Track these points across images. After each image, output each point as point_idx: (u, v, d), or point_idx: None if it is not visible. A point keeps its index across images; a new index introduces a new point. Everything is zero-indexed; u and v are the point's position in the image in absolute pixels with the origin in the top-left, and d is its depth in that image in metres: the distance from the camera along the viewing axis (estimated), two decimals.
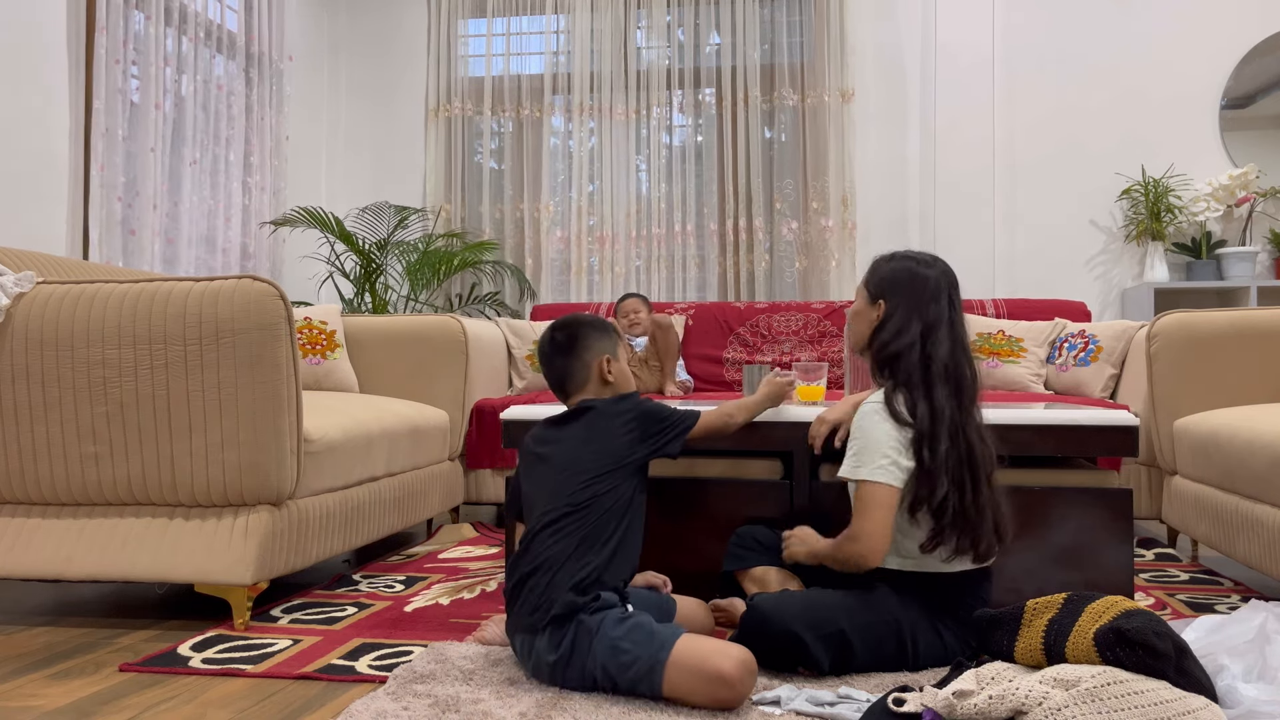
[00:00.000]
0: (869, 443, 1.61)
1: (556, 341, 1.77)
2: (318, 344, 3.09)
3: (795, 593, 1.67)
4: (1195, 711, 1.16)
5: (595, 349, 1.75)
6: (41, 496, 2.02)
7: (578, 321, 1.79)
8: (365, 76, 4.94)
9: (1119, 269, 4.32)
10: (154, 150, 3.48)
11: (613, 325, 1.81)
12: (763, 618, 1.57)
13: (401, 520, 2.62)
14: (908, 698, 1.30)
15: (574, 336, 1.77)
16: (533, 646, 1.53)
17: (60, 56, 3.19)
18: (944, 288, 1.67)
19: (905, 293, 1.66)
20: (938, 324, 1.64)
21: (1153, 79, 4.29)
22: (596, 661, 1.45)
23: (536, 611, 1.52)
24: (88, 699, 1.52)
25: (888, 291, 1.68)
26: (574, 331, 1.77)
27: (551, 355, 1.77)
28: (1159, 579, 2.37)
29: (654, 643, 1.42)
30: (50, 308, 1.97)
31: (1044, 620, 1.34)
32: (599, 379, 1.75)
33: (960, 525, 1.58)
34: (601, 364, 1.74)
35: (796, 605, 1.58)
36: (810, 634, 1.53)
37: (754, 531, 1.88)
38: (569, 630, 1.48)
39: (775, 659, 1.56)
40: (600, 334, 1.77)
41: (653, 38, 4.64)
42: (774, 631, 1.55)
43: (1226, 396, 2.48)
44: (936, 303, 1.65)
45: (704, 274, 4.57)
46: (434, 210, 4.71)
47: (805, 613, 1.56)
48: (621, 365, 1.77)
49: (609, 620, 1.47)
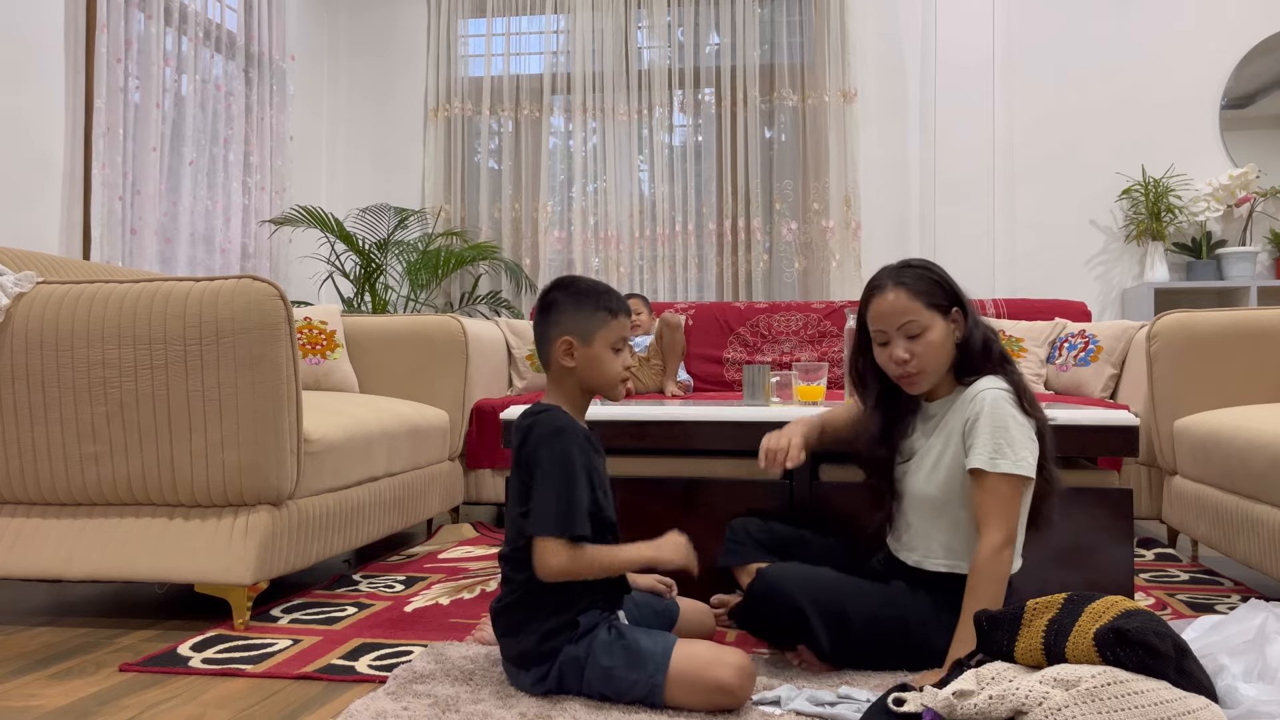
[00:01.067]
0: (1010, 433, 1.49)
1: (542, 302, 1.57)
2: (318, 344, 3.09)
3: (804, 566, 1.62)
4: (1195, 711, 1.15)
5: (561, 325, 1.52)
6: (41, 496, 2.02)
7: (565, 286, 1.55)
8: (365, 76, 4.94)
9: (1119, 269, 4.32)
10: (155, 150, 3.49)
11: (616, 307, 1.55)
12: (768, 588, 1.55)
13: (401, 520, 2.62)
14: (908, 697, 1.30)
15: (551, 303, 1.55)
16: (517, 678, 1.50)
17: (56, 57, 3.19)
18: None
19: (954, 289, 1.60)
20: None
21: (1153, 79, 4.29)
22: (593, 689, 1.43)
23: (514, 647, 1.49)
24: (88, 699, 1.52)
25: (954, 295, 1.60)
26: (553, 298, 1.54)
27: (534, 315, 1.59)
28: (1159, 579, 2.37)
29: (649, 664, 1.40)
30: (50, 308, 1.97)
31: (1044, 620, 1.34)
32: (558, 363, 1.53)
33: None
34: (559, 345, 1.52)
35: (803, 578, 1.55)
36: (813, 609, 1.51)
37: (747, 524, 1.82)
38: (553, 666, 1.45)
39: (776, 632, 1.55)
40: (577, 310, 1.52)
41: (653, 38, 4.64)
42: (778, 602, 1.53)
43: (1226, 396, 2.48)
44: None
45: (704, 274, 4.57)
46: (434, 210, 4.71)
47: (810, 586, 1.54)
48: (593, 353, 1.52)
49: (598, 647, 1.43)
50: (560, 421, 1.49)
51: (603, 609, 1.50)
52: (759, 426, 2.02)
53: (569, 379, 1.55)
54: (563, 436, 1.47)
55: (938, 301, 1.57)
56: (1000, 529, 1.47)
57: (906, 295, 1.56)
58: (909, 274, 1.58)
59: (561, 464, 1.45)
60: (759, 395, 2.27)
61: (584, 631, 1.46)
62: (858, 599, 1.55)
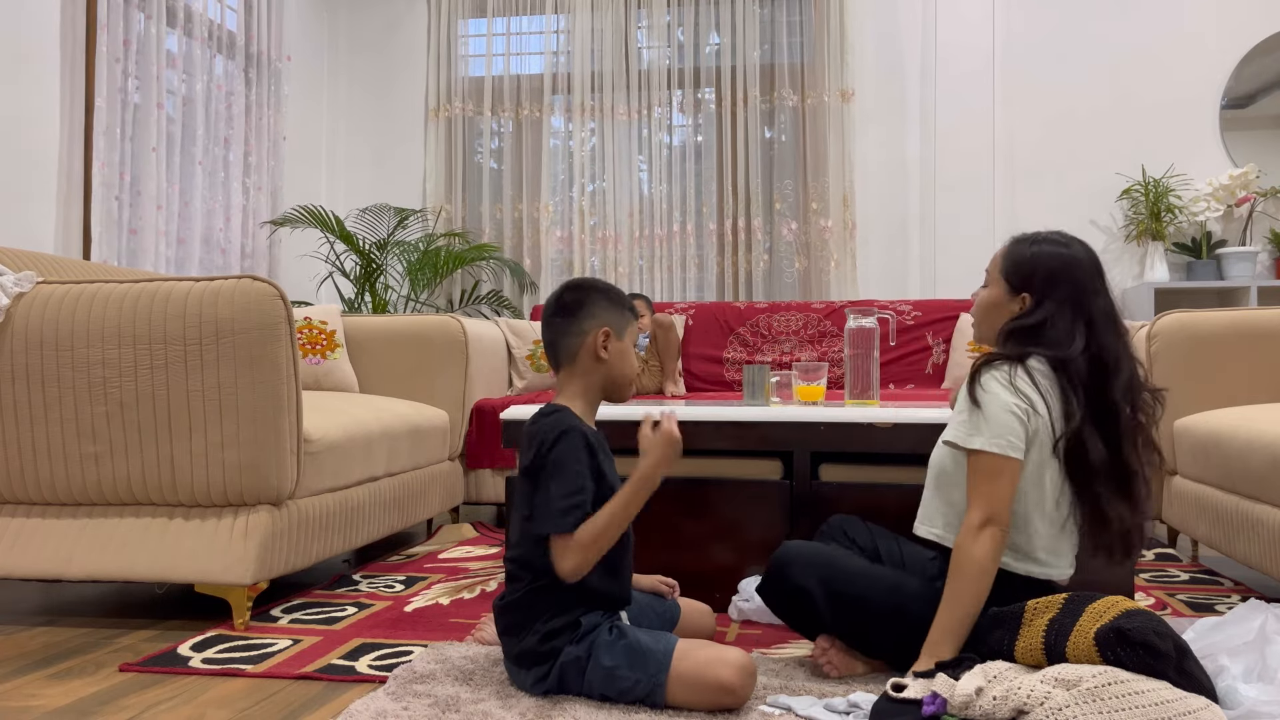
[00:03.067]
0: (987, 409, 1.47)
1: (563, 301, 1.58)
2: (318, 344, 3.09)
3: (818, 547, 1.61)
4: (1196, 712, 1.15)
5: (599, 318, 1.56)
6: (41, 496, 2.02)
7: (591, 285, 1.59)
8: (365, 76, 4.94)
9: (1119, 269, 4.32)
10: (155, 150, 3.49)
11: (631, 304, 1.61)
12: (778, 566, 1.57)
13: (401, 520, 2.62)
14: (907, 682, 1.30)
15: (581, 301, 1.57)
16: (518, 677, 1.50)
17: (53, 57, 3.18)
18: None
19: (1037, 280, 1.54)
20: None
21: (1153, 79, 4.29)
22: (594, 690, 1.43)
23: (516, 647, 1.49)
24: (88, 699, 1.52)
25: (1028, 283, 1.55)
26: (582, 295, 1.57)
27: (552, 315, 1.58)
28: (1159, 579, 2.37)
29: (650, 664, 1.40)
30: (50, 308, 1.97)
31: (1044, 620, 1.34)
32: (592, 354, 1.55)
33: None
34: (598, 336, 1.55)
35: (813, 560, 1.56)
36: (820, 590, 1.52)
37: (846, 521, 1.79)
38: (554, 666, 1.45)
39: (787, 612, 1.55)
40: (610, 305, 1.57)
41: (653, 38, 4.64)
42: (787, 582, 1.54)
43: (1226, 396, 2.48)
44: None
45: (703, 274, 4.57)
46: (434, 210, 4.71)
47: (819, 568, 1.54)
48: (624, 347, 1.58)
49: (599, 647, 1.43)
50: (568, 422, 1.50)
51: (605, 611, 1.51)
52: (759, 426, 2.02)
53: (594, 374, 1.56)
54: (569, 436, 1.47)
55: (1011, 279, 1.57)
56: (978, 508, 1.43)
57: (1000, 257, 1.62)
58: (1017, 246, 1.61)
59: (564, 463, 1.45)
60: (759, 395, 2.27)
61: (585, 631, 1.46)
62: (867, 583, 1.53)
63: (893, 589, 1.53)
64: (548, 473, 1.45)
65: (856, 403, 2.12)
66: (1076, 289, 1.51)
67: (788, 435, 2.01)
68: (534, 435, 1.50)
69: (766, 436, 2.02)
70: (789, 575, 1.55)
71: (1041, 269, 1.54)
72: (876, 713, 1.30)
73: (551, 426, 1.49)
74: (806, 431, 2.01)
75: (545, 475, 1.46)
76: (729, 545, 2.02)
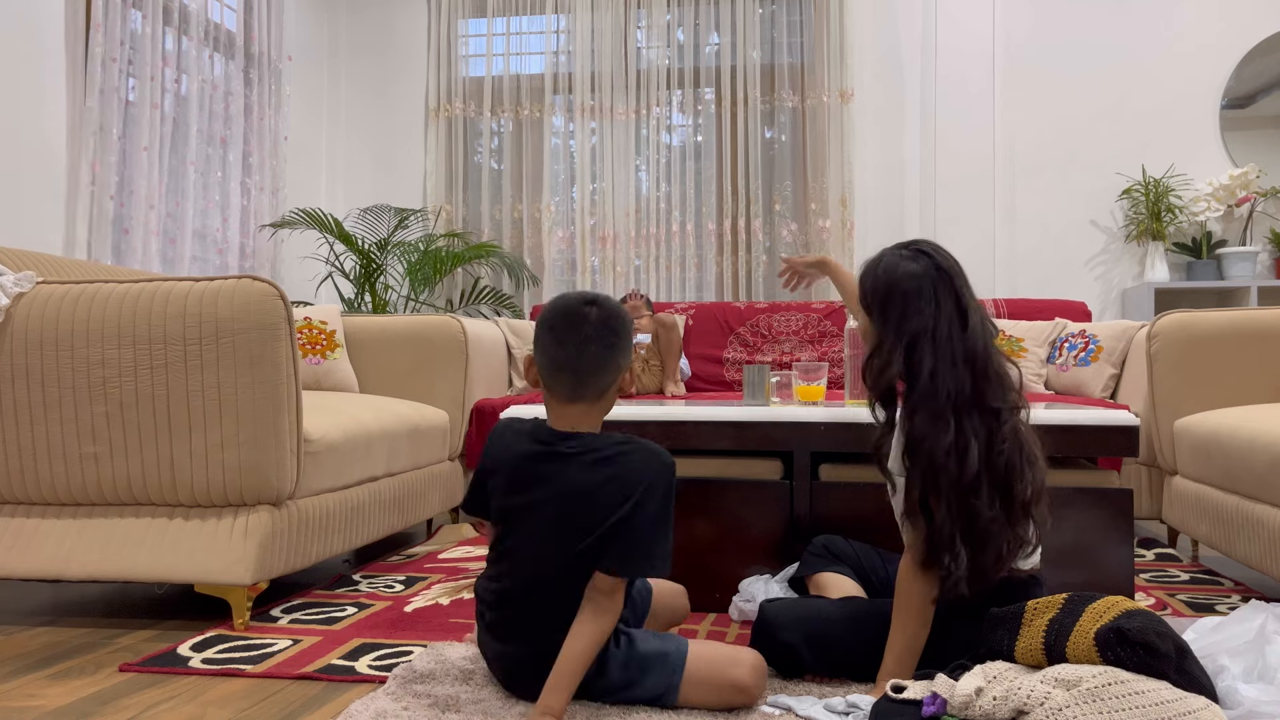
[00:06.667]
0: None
1: (609, 326, 1.38)
2: (318, 344, 3.09)
3: (803, 602, 1.64)
4: (1196, 712, 1.15)
5: (630, 354, 1.43)
6: (41, 496, 2.02)
7: (622, 313, 1.41)
8: (365, 76, 4.94)
9: (1119, 269, 4.32)
10: (147, 149, 3.47)
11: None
12: (763, 625, 1.57)
13: (401, 520, 2.62)
14: (907, 684, 1.30)
15: (620, 332, 1.39)
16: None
17: (58, 56, 3.19)
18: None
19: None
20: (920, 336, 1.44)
21: (1153, 79, 4.29)
22: (607, 699, 1.42)
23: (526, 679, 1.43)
24: (88, 699, 1.52)
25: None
26: (620, 326, 1.39)
27: (590, 338, 1.37)
28: (1159, 579, 2.37)
29: (665, 668, 1.40)
30: (50, 308, 1.97)
31: (1044, 620, 1.34)
32: (618, 391, 1.45)
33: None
34: (626, 370, 1.43)
35: (797, 616, 1.57)
36: (806, 646, 1.53)
37: (829, 540, 1.84)
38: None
39: (776, 664, 1.56)
40: (630, 336, 1.44)
41: (653, 38, 4.64)
42: (774, 639, 1.55)
43: (1227, 396, 2.48)
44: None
45: (703, 274, 4.57)
46: (434, 210, 4.71)
47: (804, 624, 1.55)
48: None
49: (613, 663, 1.40)
50: (670, 456, 1.40)
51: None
52: (759, 426, 2.02)
53: (603, 406, 1.45)
54: (673, 473, 1.39)
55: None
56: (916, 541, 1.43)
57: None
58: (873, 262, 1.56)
59: (671, 503, 1.39)
60: (759, 395, 2.27)
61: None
62: (852, 629, 1.54)
63: (879, 626, 1.52)
64: (665, 516, 1.37)
65: (856, 403, 2.11)
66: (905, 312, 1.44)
67: (788, 435, 2.00)
68: (629, 462, 1.38)
69: (766, 436, 2.02)
70: (777, 636, 1.55)
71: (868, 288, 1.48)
72: (876, 713, 1.30)
73: (659, 458, 1.39)
74: (806, 431, 2.01)
75: (659, 517, 1.37)
76: (729, 545, 2.02)
